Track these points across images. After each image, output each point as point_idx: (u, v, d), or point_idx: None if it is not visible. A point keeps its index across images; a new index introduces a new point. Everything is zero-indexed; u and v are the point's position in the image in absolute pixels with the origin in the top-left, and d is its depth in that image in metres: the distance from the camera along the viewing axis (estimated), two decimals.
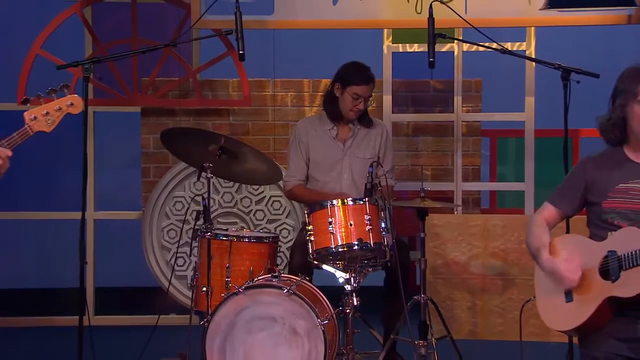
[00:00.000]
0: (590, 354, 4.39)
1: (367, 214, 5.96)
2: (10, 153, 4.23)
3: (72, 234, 6.40)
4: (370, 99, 6.84)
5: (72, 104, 4.34)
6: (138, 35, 8.81)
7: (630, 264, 4.17)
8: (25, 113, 4.32)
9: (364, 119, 6.86)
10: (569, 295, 4.39)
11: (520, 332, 5.84)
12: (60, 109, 4.32)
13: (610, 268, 4.25)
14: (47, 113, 4.30)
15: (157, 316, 7.12)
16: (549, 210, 4.58)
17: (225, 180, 8.60)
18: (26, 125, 4.28)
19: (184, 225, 8.65)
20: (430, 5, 6.45)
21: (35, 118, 4.29)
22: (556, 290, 4.43)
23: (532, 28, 8.41)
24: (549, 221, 4.55)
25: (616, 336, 4.30)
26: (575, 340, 5.82)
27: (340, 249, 5.96)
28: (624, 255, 4.20)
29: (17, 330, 9.00)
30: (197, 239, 6.30)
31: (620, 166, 4.40)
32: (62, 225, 8.80)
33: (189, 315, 6.77)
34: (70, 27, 8.93)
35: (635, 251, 4.16)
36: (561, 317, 4.43)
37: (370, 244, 5.95)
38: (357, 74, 6.78)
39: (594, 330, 4.33)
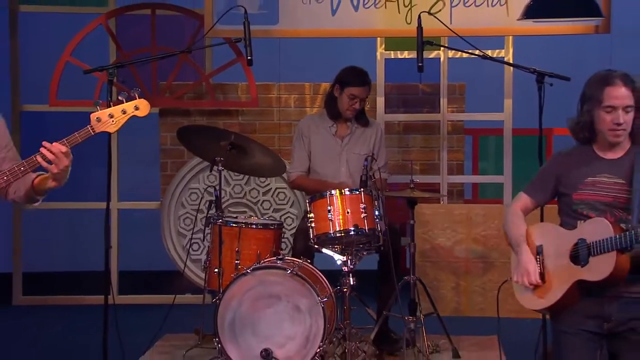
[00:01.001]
0: (560, 328, 4.40)
1: (362, 202, 5.96)
2: (64, 149, 4.14)
3: (98, 223, 6.37)
4: (362, 104, 6.84)
5: (137, 108, 4.26)
6: (157, 43, 8.82)
7: (598, 251, 4.17)
8: (91, 114, 4.25)
9: (361, 119, 6.86)
10: (542, 277, 4.39)
11: (497, 310, 5.83)
12: (125, 111, 4.24)
13: (580, 254, 4.25)
14: (112, 115, 4.23)
15: (174, 296, 7.11)
16: (524, 200, 4.59)
17: (235, 173, 8.61)
18: (88, 126, 4.22)
19: (198, 214, 8.67)
20: (419, 16, 6.43)
21: (99, 120, 4.22)
22: None
23: (510, 37, 8.40)
24: (524, 210, 4.57)
25: (583, 313, 4.30)
26: (548, 315, 5.85)
27: (338, 234, 5.96)
28: (593, 243, 4.19)
29: (51, 307, 9.05)
30: (210, 226, 6.30)
31: (589, 161, 4.39)
32: (89, 215, 8.80)
33: (202, 295, 6.77)
34: (97, 36, 8.94)
35: (603, 240, 4.16)
36: (534, 298, 4.44)
37: (365, 230, 5.95)
38: (354, 77, 6.78)
39: (564, 308, 4.33)
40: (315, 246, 6.09)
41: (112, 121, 4.25)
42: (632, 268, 4.16)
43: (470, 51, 6.74)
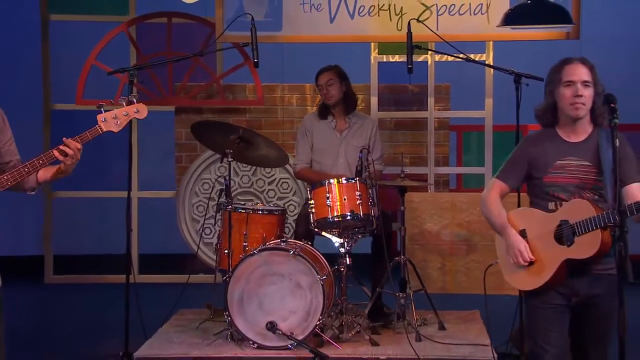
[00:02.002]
0: (534, 304, 4.33)
1: (357, 190, 5.95)
2: (80, 145, 4.18)
3: (120, 210, 6.39)
4: (339, 85, 6.81)
5: (137, 111, 4.36)
6: (172, 48, 8.83)
7: (583, 231, 4.11)
8: (98, 115, 4.31)
9: (350, 107, 6.87)
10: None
11: (484, 288, 5.82)
12: (127, 114, 4.33)
13: (564, 235, 4.18)
14: (116, 117, 4.30)
15: (188, 275, 7.11)
16: (499, 186, 4.45)
17: (243, 165, 8.61)
18: (97, 126, 4.27)
19: (210, 202, 8.64)
20: (409, 23, 6.42)
21: (105, 120, 4.29)
22: None
23: (491, 42, 8.39)
24: (500, 195, 4.46)
25: (555, 290, 4.24)
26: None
27: (336, 219, 5.96)
28: (577, 223, 4.13)
29: (78, 285, 9.09)
30: (220, 212, 6.30)
31: (556, 145, 4.31)
32: (112, 203, 8.79)
33: (213, 274, 6.76)
34: (119, 42, 8.95)
35: (587, 220, 4.10)
36: (526, 279, 4.32)
37: (360, 215, 5.95)
38: (317, 72, 6.86)
39: (552, 287, 4.25)
40: (316, 230, 6.09)
41: (116, 122, 4.32)
42: None
43: (454, 55, 6.74)
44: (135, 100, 4.37)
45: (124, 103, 4.34)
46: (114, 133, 4.33)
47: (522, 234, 4.34)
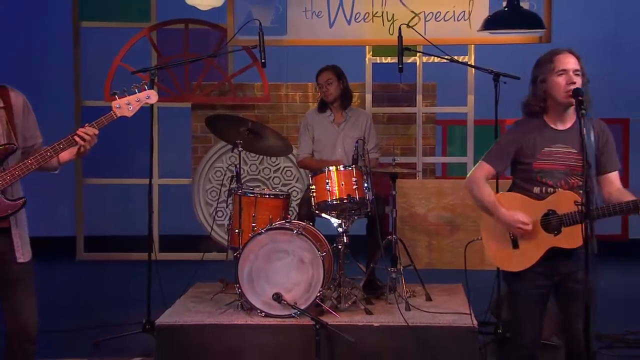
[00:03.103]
0: (516, 285, 4.19)
1: (354, 177, 5.93)
2: (96, 131, 4.18)
3: (142, 195, 6.37)
4: (337, 84, 6.77)
5: (148, 97, 4.29)
6: (189, 50, 8.84)
7: (570, 223, 3.97)
8: (112, 102, 4.28)
9: (346, 103, 6.83)
10: (515, 243, 4.14)
11: (465, 263, 5.80)
12: (139, 100, 4.27)
13: (551, 224, 4.05)
14: (129, 103, 4.25)
15: (203, 253, 7.11)
16: (487, 169, 4.23)
17: (251, 154, 8.62)
18: (111, 112, 4.24)
19: (222, 187, 8.68)
20: (399, 28, 6.41)
21: (119, 107, 4.24)
22: (504, 239, 4.16)
23: (472, 45, 8.39)
24: (487, 177, 4.25)
25: (538, 270, 4.11)
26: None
27: (334, 202, 5.93)
28: (564, 215, 3.99)
29: (106, 262, 9.16)
30: (232, 196, 6.27)
31: (544, 133, 4.13)
32: (136, 189, 8.77)
33: (226, 252, 6.75)
34: (141, 45, 8.98)
35: (574, 212, 3.95)
36: (511, 261, 4.16)
37: (356, 199, 5.92)
38: (317, 72, 6.81)
39: (534, 270, 4.11)
40: (316, 212, 6.06)
41: (129, 108, 4.27)
42: None
43: (440, 56, 6.72)
44: (146, 87, 4.32)
45: (136, 90, 4.29)
46: (128, 117, 4.27)
47: None
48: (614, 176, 4.10)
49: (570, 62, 4.05)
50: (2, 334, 4.20)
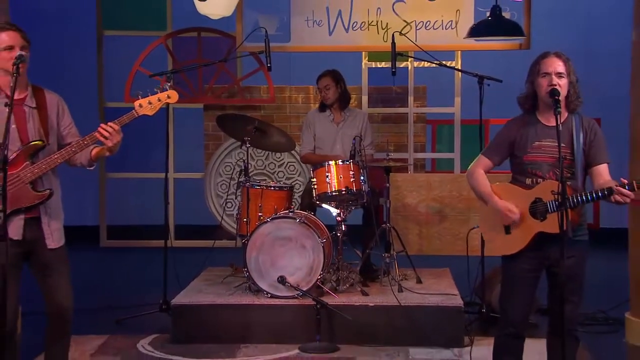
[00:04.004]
0: (508, 267, 4.14)
1: (351, 170, 5.93)
2: (117, 127, 4.11)
3: (159, 188, 6.39)
4: (336, 87, 6.73)
5: (169, 97, 4.23)
6: (201, 56, 8.81)
7: (555, 209, 3.92)
8: (135, 102, 4.22)
9: (345, 104, 6.79)
10: (507, 229, 4.09)
11: (467, 249, 5.82)
12: (160, 100, 4.20)
13: (538, 210, 4.01)
14: (150, 102, 4.19)
15: (214, 240, 7.10)
16: (485, 162, 4.21)
17: (258, 151, 8.61)
18: (133, 110, 4.20)
19: (231, 181, 8.68)
20: (393, 36, 6.42)
21: (141, 106, 4.19)
22: (498, 226, 4.12)
23: (459, 51, 8.36)
24: (485, 170, 4.23)
25: (530, 255, 4.06)
26: (485, 253, 5.78)
27: (334, 193, 5.93)
28: (550, 202, 3.96)
29: (126, 248, 9.18)
30: (240, 189, 6.26)
31: (535, 128, 4.10)
32: (153, 182, 8.75)
33: (235, 239, 6.76)
34: (158, 51, 8.98)
35: (557, 201, 3.90)
36: (504, 245, 4.12)
37: (353, 190, 5.91)
38: (318, 76, 6.76)
39: (523, 254, 4.07)
40: (317, 202, 6.06)
41: (151, 107, 4.21)
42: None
43: (430, 61, 6.71)
44: (167, 87, 4.26)
45: (157, 90, 4.23)
46: (149, 116, 4.22)
47: None
48: (603, 168, 4.04)
49: (552, 65, 4.01)
50: (42, 313, 4.22)
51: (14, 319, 4.06)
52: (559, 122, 3.86)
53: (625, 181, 3.83)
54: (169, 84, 4.32)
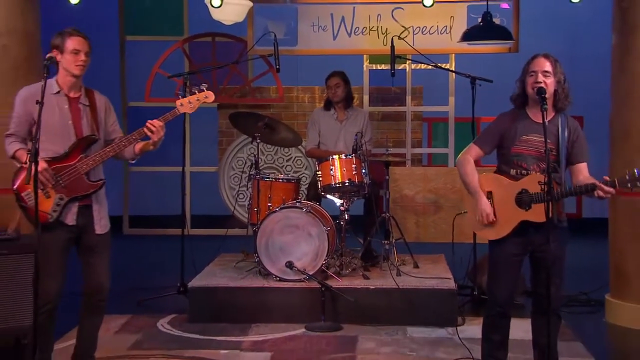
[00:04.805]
0: (494, 251, 4.13)
1: (354, 164, 5.92)
2: (162, 123, 4.14)
3: (177, 181, 6.42)
4: (344, 87, 6.70)
5: (206, 97, 4.27)
6: (216, 59, 8.81)
7: (539, 200, 3.90)
8: (176, 101, 4.24)
9: (349, 104, 6.75)
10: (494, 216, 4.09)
11: (452, 235, 5.83)
12: (198, 99, 4.23)
13: (523, 201, 3.99)
14: (190, 102, 4.22)
15: (227, 229, 7.12)
16: (476, 150, 4.16)
17: (267, 146, 8.61)
18: (175, 108, 4.22)
19: (243, 174, 8.68)
20: (392, 40, 6.40)
21: (182, 105, 4.23)
22: None
23: (453, 54, 8.37)
24: (475, 158, 4.18)
25: (515, 240, 4.04)
26: (478, 240, 5.80)
27: (337, 185, 5.92)
28: (535, 194, 3.93)
29: (147, 236, 9.21)
30: (251, 181, 6.26)
31: (523, 122, 4.07)
32: (171, 175, 8.78)
33: (246, 228, 6.77)
34: (176, 55, 9.00)
35: (543, 193, 3.88)
36: (490, 231, 4.09)
37: (355, 182, 5.91)
38: (327, 76, 6.72)
39: (508, 239, 4.05)
40: (322, 193, 6.05)
41: (191, 106, 4.25)
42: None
43: (426, 64, 6.70)
44: (205, 88, 4.28)
45: (196, 91, 4.25)
46: (189, 114, 4.23)
47: (489, 195, 4.10)
48: (583, 167, 4.04)
49: (539, 65, 3.99)
50: (77, 293, 4.24)
51: (57, 297, 4.10)
52: (545, 118, 3.85)
53: (608, 179, 3.83)
54: (206, 85, 4.31)
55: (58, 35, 4.16)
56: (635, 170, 3.78)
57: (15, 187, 4.07)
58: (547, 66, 3.99)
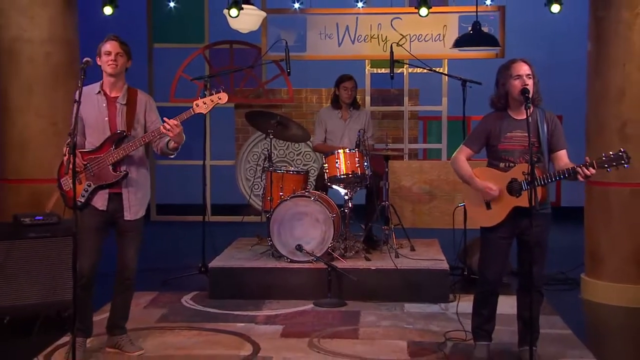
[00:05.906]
0: (487, 236, 4.11)
1: (357, 157, 5.92)
2: (176, 122, 4.08)
3: (198, 173, 6.43)
4: (355, 90, 6.66)
5: (220, 98, 4.20)
6: (233, 63, 8.80)
7: (527, 188, 3.89)
8: (194, 102, 4.21)
9: (355, 106, 6.75)
10: (488, 205, 4.07)
11: (453, 223, 5.80)
12: (212, 100, 4.15)
13: (514, 188, 3.99)
14: (205, 103, 4.16)
15: (243, 216, 7.13)
16: (467, 150, 4.17)
17: (279, 141, 8.59)
18: (191, 109, 4.19)
19: (257, 167, 8.69)
20: (391, 46, 6.40)
21: (197, 105, 4.17)
22: (480, 203, 4.09)
23: (446, 59, 8.36)
24: (467, 157, 4.19)
25: (504, 226, 4.04)
26: (469, 226, 5.82)
27: (342, 176, 5.93)
28: (523, 181, 3.93)
29: (172, 222, 9.22)
30: (265, 173, 6.27)
31: (507, 121, 4.06)
32: (193, 168, 8.79)
33: (260, 215, 6.79)
34: (198, 60, 8.98)
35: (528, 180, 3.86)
36: (485, 218, 4.09)
37: (358, 174, 5.91)
38: (343, 78, 6.61)
39: (502, 225, 4.05)
40: (328, 184, 6.05)
41: (205, 106, 4.18)
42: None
43: (422, 68, 6.69)
44: (221, 90, 4.21)
45: (212, 93, 4.20)
46: (204, 114, 4.18)
47: None
48: (563, 154, 4.04)
49: (522, 69, 4.00)
50: (103, 274, 4.26)
51: (91, 273, 4.14)
52: (528, 115, 3.86)
53: (588, 160, 3.83)
54: (222, 87, 4.24)
55: (101, 42, 4.25)
56: (611, 153, 3.78)
57: (58, 174, 4.20)
58: (528, 70, 4.01)
